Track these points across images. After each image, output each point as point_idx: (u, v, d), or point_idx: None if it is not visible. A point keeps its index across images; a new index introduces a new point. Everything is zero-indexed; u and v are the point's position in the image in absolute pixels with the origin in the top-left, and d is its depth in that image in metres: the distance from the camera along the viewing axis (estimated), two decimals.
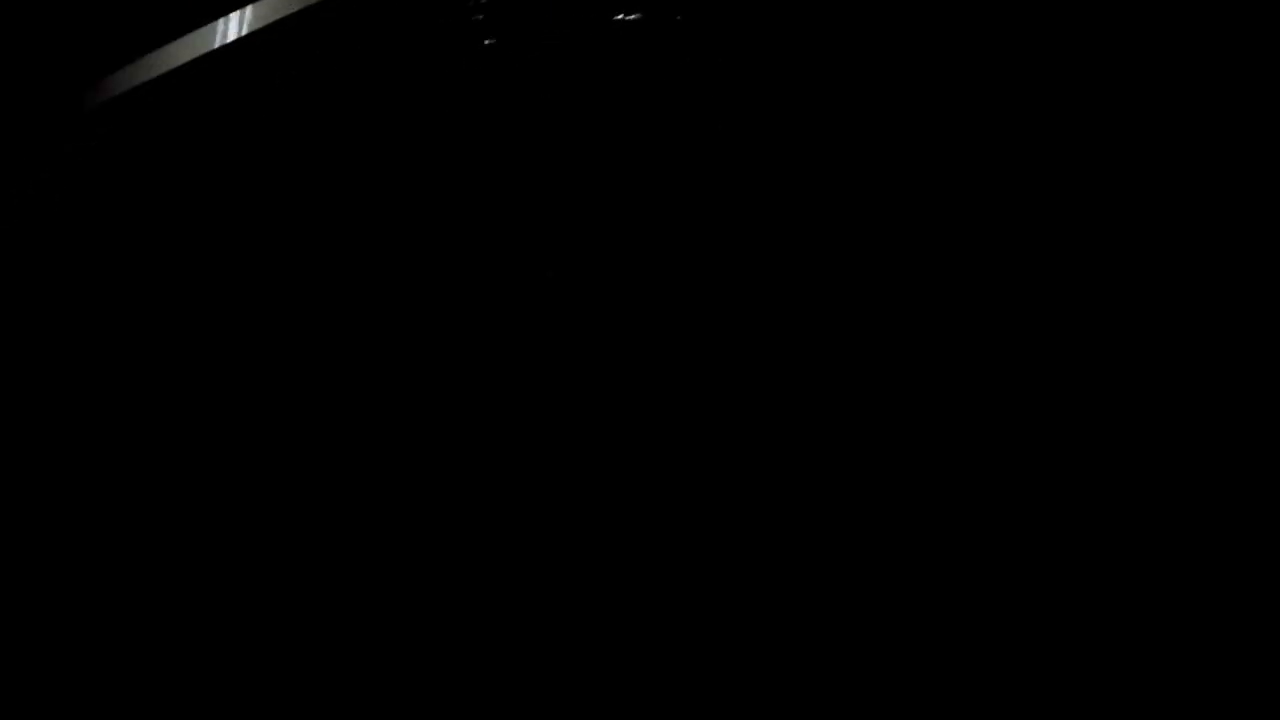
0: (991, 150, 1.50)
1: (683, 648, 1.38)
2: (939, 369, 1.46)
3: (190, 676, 1.44)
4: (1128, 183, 1.46)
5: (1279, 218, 1.41)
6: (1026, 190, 1.49)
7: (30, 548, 1.51)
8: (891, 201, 1.52)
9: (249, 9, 1.46)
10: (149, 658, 1.45)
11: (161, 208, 1.55)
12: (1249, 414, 1.36)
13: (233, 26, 1.48)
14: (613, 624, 1.42)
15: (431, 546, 1.49)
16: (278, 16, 1.43)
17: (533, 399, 1.54)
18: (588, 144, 1.58)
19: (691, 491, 1.47)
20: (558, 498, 1.50)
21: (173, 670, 1.44)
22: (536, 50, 1.54)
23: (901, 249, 1.51)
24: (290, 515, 1.52)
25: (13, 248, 1.52)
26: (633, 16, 1.44)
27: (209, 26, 1.48)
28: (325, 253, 1.60)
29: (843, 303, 1.51)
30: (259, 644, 1.45)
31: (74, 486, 1.54)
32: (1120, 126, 1.47)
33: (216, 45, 1.44)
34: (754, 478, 1.46)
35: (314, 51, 1.51)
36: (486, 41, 1.56)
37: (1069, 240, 1.47)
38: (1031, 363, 1.44)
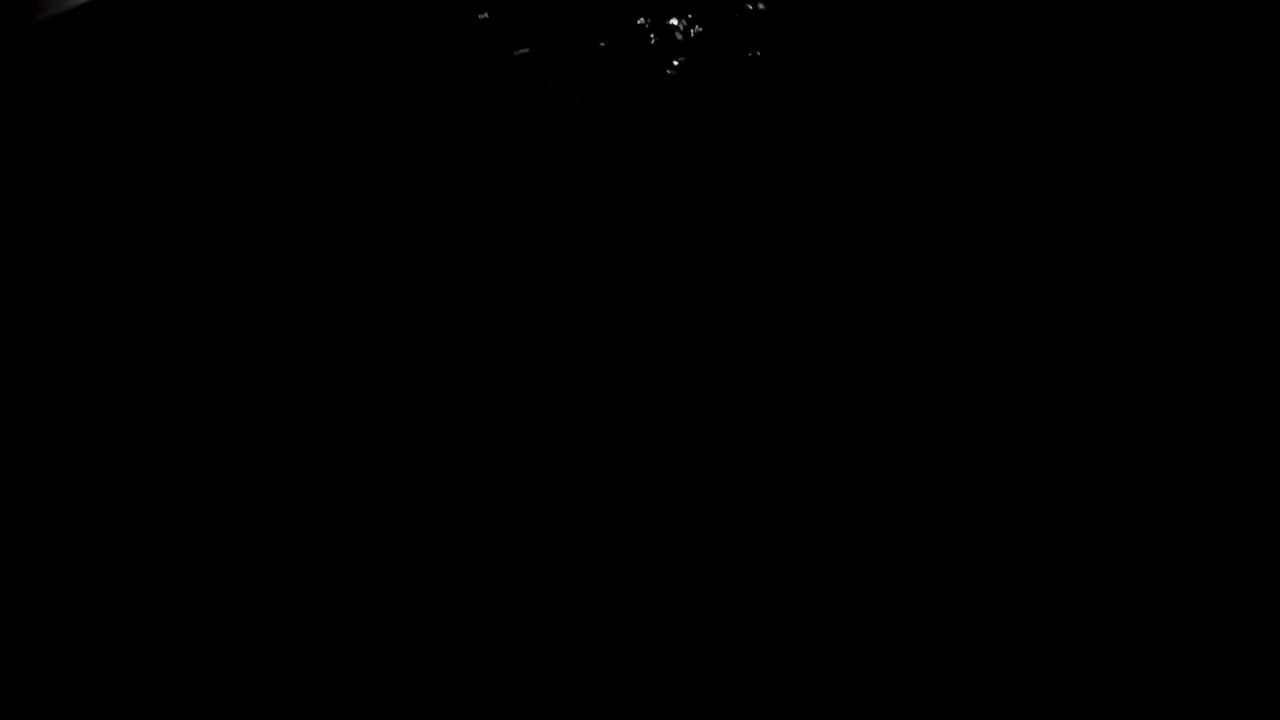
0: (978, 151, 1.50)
1: (680, 646, 1.38)
2: (936, 369, 1.46)
3: (190, 674, 1.44)
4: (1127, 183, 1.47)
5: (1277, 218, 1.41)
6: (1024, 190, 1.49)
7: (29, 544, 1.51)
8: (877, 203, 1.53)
9: None
10: (149, 654, 1.45)
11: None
12: (1248, 414, 1.36)
13: None
14: (610, 622, 1.42)
15: (430, 541, 1.49)
16: None
17: (532, 396, 1.54)
18: (588, 145, 1.58)
19: (689, 488, 1.47)
20: (557, 494, 1.50)
21: (172, 668, 1.44)
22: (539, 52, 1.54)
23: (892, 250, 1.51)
24: (288, 510, 1.52)
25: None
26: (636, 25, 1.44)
27: None
28: (321, 247, 1.60)
29: (836, 304, 1.51)
30: (258, 641, 1.45)
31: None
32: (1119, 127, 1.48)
33: None
34: (751, 476, 1.46)
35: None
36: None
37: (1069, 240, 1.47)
38: (1030, 363, 1.44)
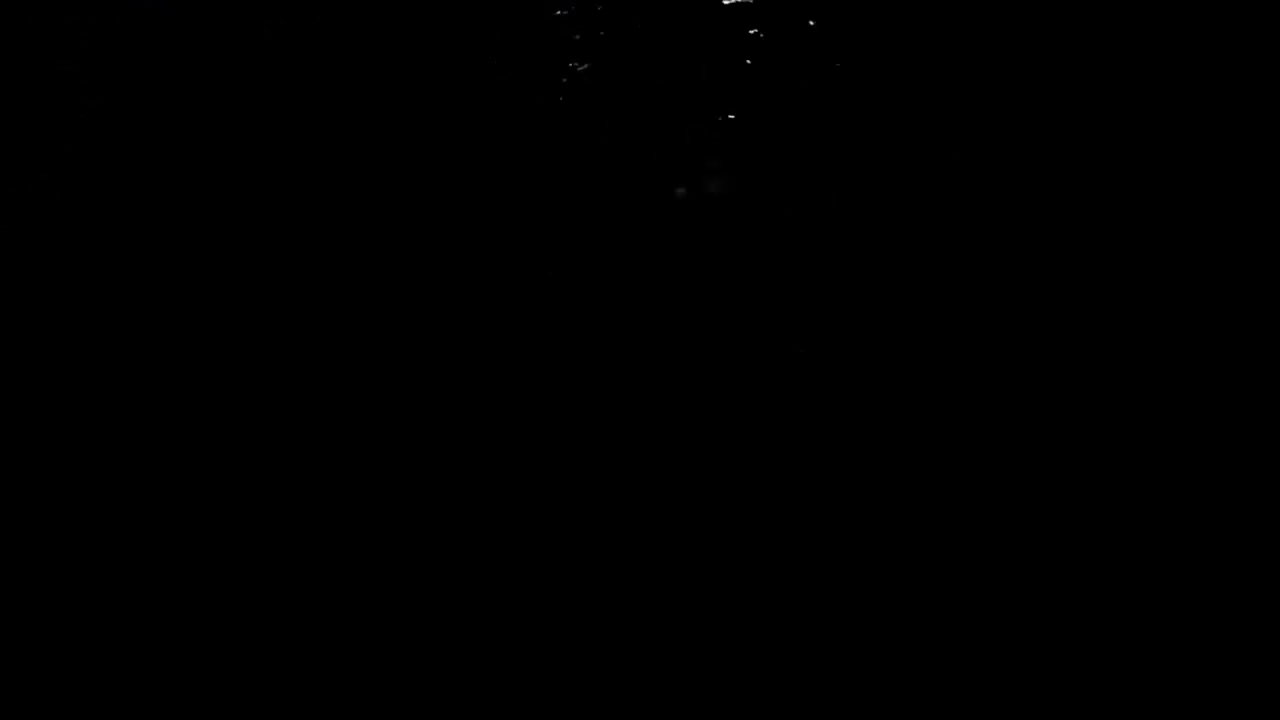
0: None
1: (682, 646, 1.38)
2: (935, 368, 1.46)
3: (190, 675, 1.44)
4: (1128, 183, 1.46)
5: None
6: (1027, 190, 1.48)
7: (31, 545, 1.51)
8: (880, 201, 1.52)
9: None
10: (149, 656, 1.45)
11: None
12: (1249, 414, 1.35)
13: None
14: (611, 621, 1.42)
15: (431, 541, 1.49)
16: None
17: (533, 396, 1.54)
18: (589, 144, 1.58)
19: (689, 488, 1.47)
20: (557, 493, 1.49)
21: (173, 669, 1.44)
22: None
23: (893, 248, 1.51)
24: (288, 508, 1.52)
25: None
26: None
27: None
28: (324, 247, 1.60)
29: (836, 304, 1.50)
30: (259, 642, 1.45)
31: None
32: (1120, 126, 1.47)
33: None
34: (751, 475, 1.46)
35: None
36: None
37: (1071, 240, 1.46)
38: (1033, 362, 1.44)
